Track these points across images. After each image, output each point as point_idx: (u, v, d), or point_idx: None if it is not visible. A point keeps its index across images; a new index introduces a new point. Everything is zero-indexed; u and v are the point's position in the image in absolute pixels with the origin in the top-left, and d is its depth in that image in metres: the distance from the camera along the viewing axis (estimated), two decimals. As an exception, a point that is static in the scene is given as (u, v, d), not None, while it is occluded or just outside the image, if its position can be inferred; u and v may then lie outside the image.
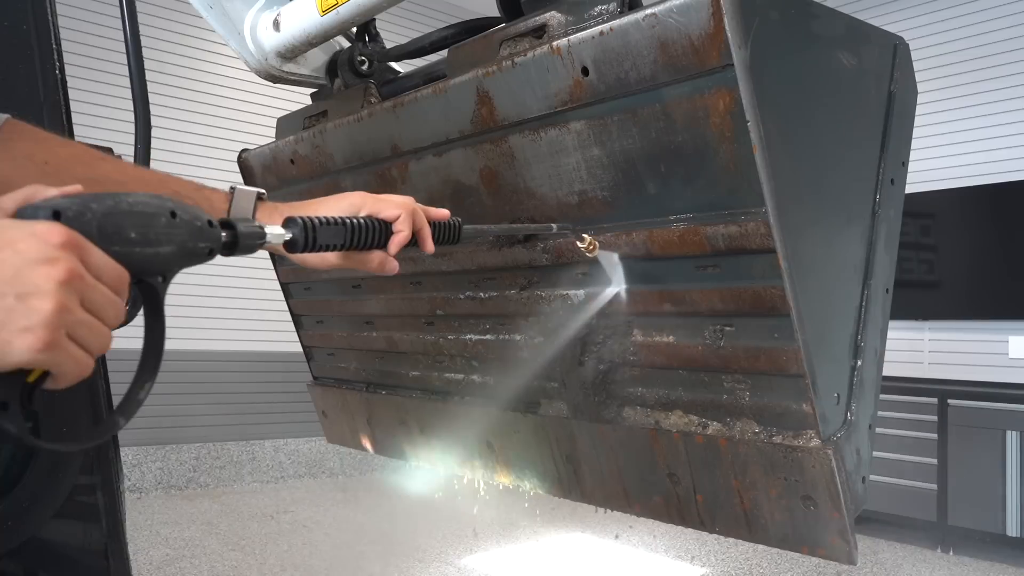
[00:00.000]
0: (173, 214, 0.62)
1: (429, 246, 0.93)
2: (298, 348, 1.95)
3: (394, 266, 0.91)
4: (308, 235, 0.79)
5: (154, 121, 1.51)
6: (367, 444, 1.79)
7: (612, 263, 1.10)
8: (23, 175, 0.80)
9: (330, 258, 0.88)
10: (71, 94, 1.29)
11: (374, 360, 1.69)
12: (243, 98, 5.23)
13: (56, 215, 0.56)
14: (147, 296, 0.64)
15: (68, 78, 1.27)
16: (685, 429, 1.07)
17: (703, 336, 1.04)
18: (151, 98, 1.49)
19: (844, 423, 0.99)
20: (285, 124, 1.64)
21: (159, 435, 4.76)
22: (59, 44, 1.24)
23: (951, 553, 4.20)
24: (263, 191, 0.90)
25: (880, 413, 1.07)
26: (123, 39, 1.46)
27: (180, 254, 0.63)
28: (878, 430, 1.07)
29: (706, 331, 1.03)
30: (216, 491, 4.95)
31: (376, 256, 0.89)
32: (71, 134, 1.26)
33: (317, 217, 0.81)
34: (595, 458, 1.21)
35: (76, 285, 0.55)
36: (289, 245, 0.79)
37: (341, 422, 1.85)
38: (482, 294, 1.34)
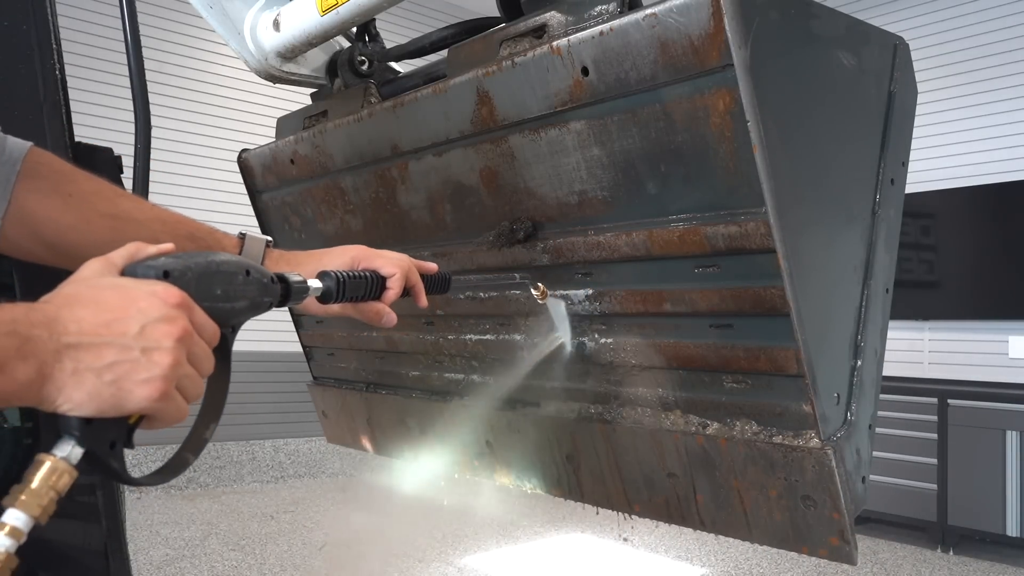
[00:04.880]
0: (248, 272, 0.69)
1: (423, 301, 1.01)
2: (298, 348, 1.95)
3: (392, 318, 0.96)
4: (339, 287, 0.86)
5: (154, 121, 1.51)
6: (367, 444, 1.79)
7: (559, 312, 1.18)
8: (49, 206, 0.83)
9: (333, 307, 0.92)
10: (71, 94, 1.29)
11: (374, 360, 1.69)
12: (243, 98, 5.23)
13: (166, 275, 0.62)
14: (219, 344, 0.68)
15: (68, 78, 1.27)
16: (685, 429, 1.07)
17: (703, 336, 1.04)
18: (151, 98, 1.49)
19: (844, 423, 0.99)
20: (285, 124, 1.64)
21: (159, 435, 4.75)
22: (59, 44, 1.24)
23: (951, 553, 4.20)
24: (270, 239, 0.95)
25: (880, 413, 1.07)
26: (123, 39, 1.46)
27: (250, 307, 0.70)
28: (878, 430, 1.07)
29: (706, 331, 1.03)
30: (216, 491, 4.96)
31: (374, 307, 0.94)
32: (71, 134, 1.26)
33: (346, 271, 0.88)
34: (595, 458, 1.21)
35: (187, 341, 0.60)
36: (324, 296, 0.85)
37: (341, 422, 1.85)
38: (482, 294, 1.34)
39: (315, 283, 0.83)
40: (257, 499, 4.83)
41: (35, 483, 0.55)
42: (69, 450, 0.56)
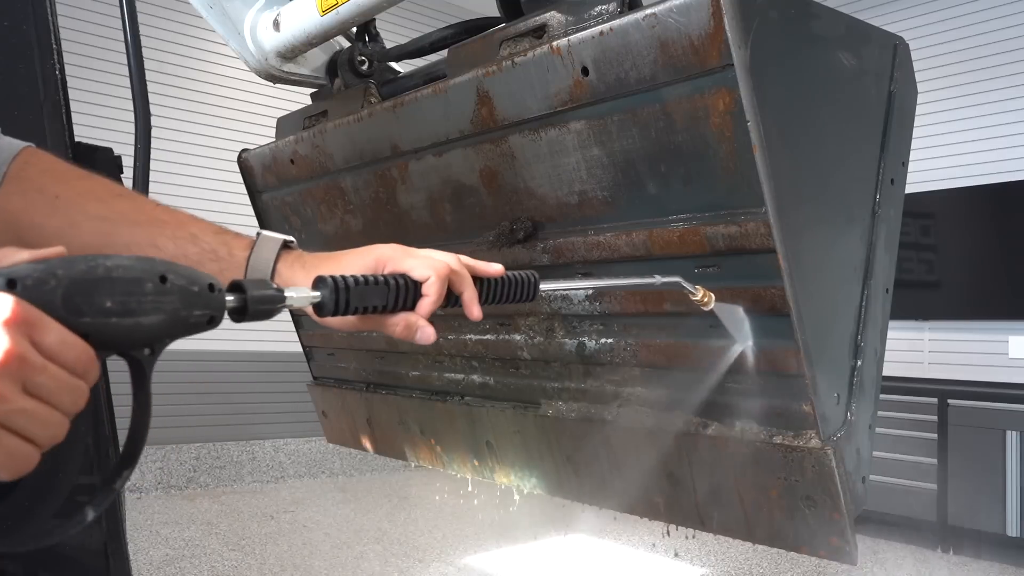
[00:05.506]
0: (163, 279, 0.54)
1: (474, 311, 0.80)
2: (298, 348, 1.95)
3: (429, 334, 0.77)
4: (340, 297, 0.69)
5: (154, 121, 1.51)
6: (367, 444, 1.79)
7: (734, 316, 0.99)
8: (33, 210, 0.76)
9: (351, 319, 0.75)
10: (71, 94, 1.29)
11: (374, 360, 1.69)
12: (243, 98, 5.23)
13: (11, 284, 0.48)
14: (132, 371, 0.56)
15: (68, 78, 1.27)
16: (685, 429, 1.07)
17: (703, 336, 1.04)
18: (151, 98, 1.49)
19: (844, 423, 0.99)
20: (285, 124, 1.64)
21: (159, 435, 4.76)
22: (59, 44, 1.24)
23: (951, 553, 4.20)
24: (291, 239, 0.80)
25: (880, 413, 1.07)
26: (123, 39, 1.46)
27: (170, 324, 0.55)
28: (878, 430, 1.07)
29: (706, 331, 1.03)
30: (216, 491, 4.95)
31: (404, 319, 0.75)
32: (71, 134, 1.26)
33: (351, 276, 0.71)
34: (595, 458, 1.21)
35: (16, 369, 0.47)
36: (318, 308, 0.70)
37: (341, 422, 1.85)
38: (482, 294, 1.34)
39: (301, 292, 0.67)
40: (257, 499, 4.83)
41: None
42: None
